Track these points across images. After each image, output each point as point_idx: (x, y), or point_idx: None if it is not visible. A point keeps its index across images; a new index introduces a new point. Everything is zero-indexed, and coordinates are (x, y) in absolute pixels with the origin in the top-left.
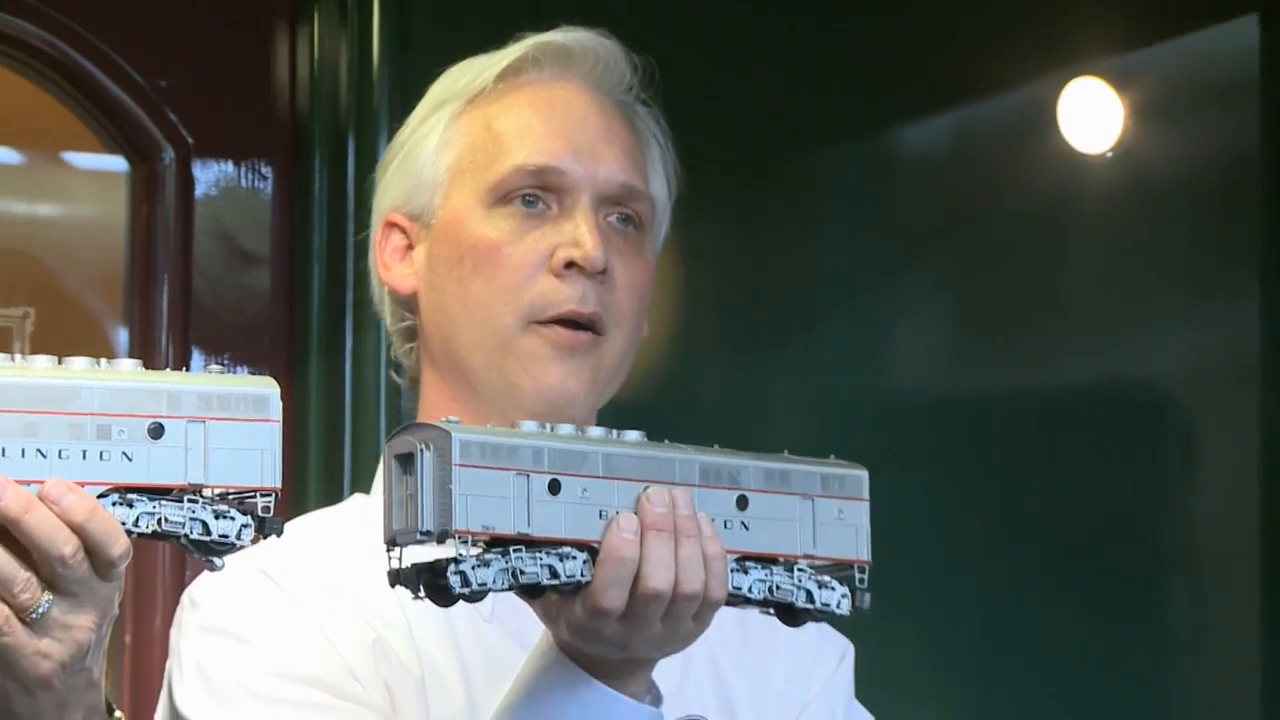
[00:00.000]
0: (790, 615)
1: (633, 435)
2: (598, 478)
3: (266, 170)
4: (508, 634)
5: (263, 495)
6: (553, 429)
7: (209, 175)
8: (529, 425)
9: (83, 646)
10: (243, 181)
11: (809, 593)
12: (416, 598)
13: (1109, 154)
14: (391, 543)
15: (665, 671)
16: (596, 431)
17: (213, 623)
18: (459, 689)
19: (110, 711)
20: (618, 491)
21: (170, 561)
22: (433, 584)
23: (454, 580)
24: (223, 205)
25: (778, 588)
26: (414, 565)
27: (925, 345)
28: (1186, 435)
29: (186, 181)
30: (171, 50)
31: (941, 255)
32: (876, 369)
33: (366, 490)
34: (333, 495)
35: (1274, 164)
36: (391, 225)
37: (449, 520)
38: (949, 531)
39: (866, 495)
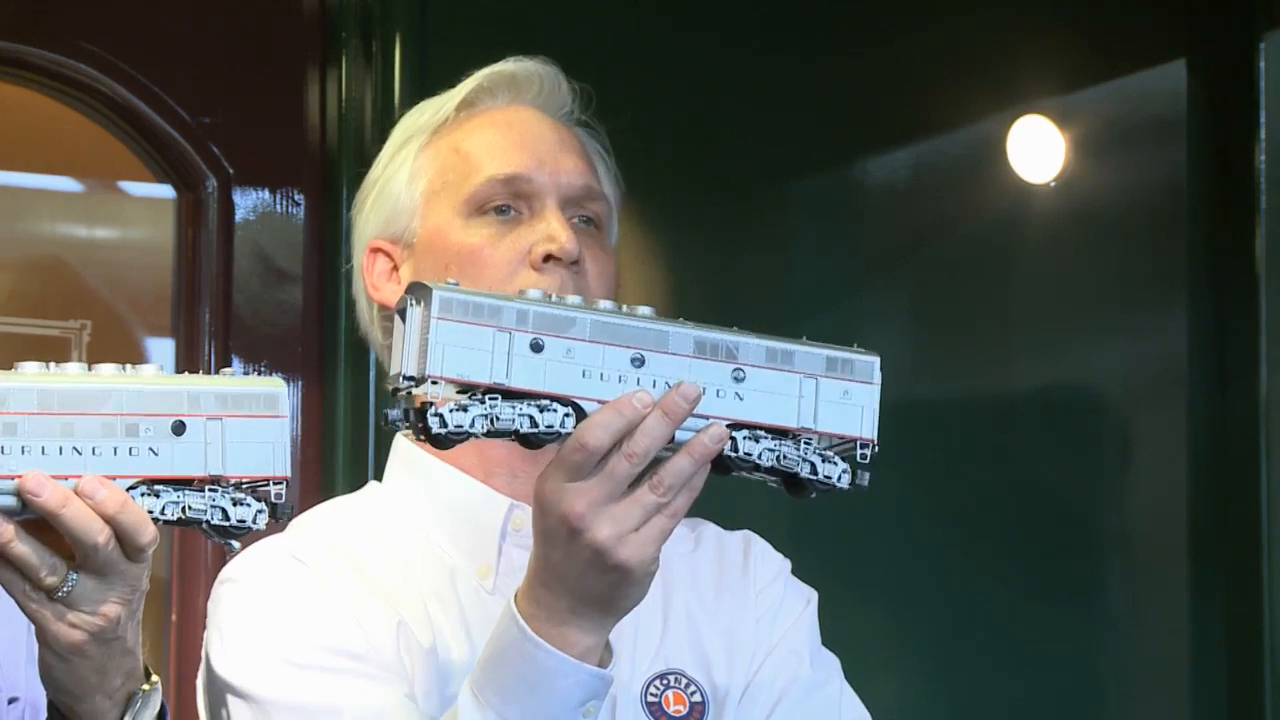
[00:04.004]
0: (794, 488)
1: (645, 310)
2: (584, 341)
3: (299, 197)
4: None
5: (275, 483)
6: (559, 299)
7: (248, 202)
8: (534, 293)
9: (113, 620)
10: (278, 208)
11: (813, 465)
12: (418, 439)
13: (1052, 184)
14: (393, 392)
15: (646, 630)
16: (607, 304)
17: (249, 598)
18: (465, 662)
19: (147, 675)
20: (605, 355)
21: (212, 549)
22: (422, 426)
23: (433, 421)
24: (260, 229)
25: (784, 457)
26: (408, 409)
27: (888, 354)
28: (1122, 433)
29: (227, 208)
30: (214, 91)
31: (903, 274)
32: None
33: (381, 479)
34: (359, 487)
35: (1200, 193)
36: (376, 251)
37: (425, 366)
38: (911, 520)
39: (876, 380)
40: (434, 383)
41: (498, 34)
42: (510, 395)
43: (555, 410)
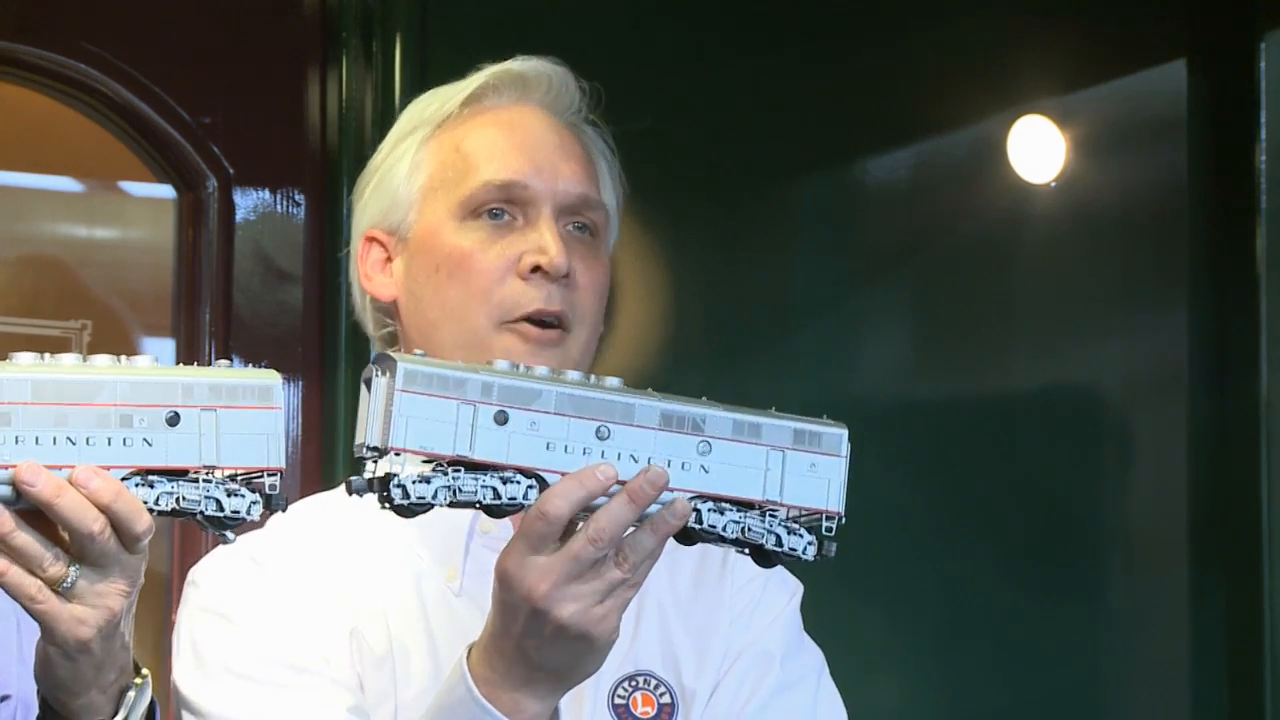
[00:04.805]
0: (761, 557)
1: (613, 381)
2: (548, 413)
3: (300, 197)
4: (476, 607)
5: (269, 475)
6: (527, 369)
7: (248, 202)
8: (501, 364)
9: (115, 613)
10: (278, 208)
11: (778, 537)
12: (383, 507)
13: (1052, 184)
14: (357, 459)
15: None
16: (574, 375)
17: (208, 603)
18: (426, 666)
19: (137, 669)
20: (570, 428)
21: (211, 549)
22: (385, 495)
23: (396, 493)
24: (260, 229)
25: (749, 529)
26: (372, 478)
27: (889, 354)
28: (1122, 433)
29: (228, 208)
30: (215, 91)
31: (903, 274)
32: (845, 376)
33: None
34: None
35: (1200, 193)
36: (371, 240)
37: (388, 438)
38: (912, 521)
39: (843, 452)
40: (396, 454)
41: (498, 34)
42: (474, 467)
43: (519, 482)
